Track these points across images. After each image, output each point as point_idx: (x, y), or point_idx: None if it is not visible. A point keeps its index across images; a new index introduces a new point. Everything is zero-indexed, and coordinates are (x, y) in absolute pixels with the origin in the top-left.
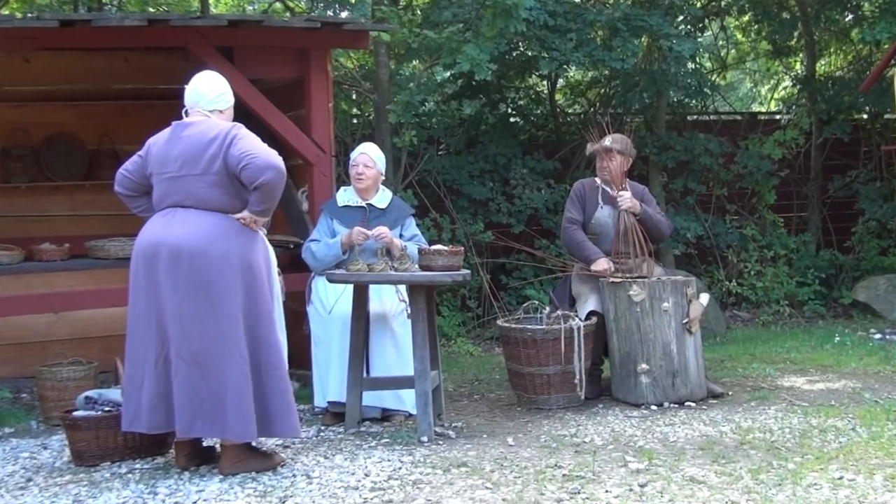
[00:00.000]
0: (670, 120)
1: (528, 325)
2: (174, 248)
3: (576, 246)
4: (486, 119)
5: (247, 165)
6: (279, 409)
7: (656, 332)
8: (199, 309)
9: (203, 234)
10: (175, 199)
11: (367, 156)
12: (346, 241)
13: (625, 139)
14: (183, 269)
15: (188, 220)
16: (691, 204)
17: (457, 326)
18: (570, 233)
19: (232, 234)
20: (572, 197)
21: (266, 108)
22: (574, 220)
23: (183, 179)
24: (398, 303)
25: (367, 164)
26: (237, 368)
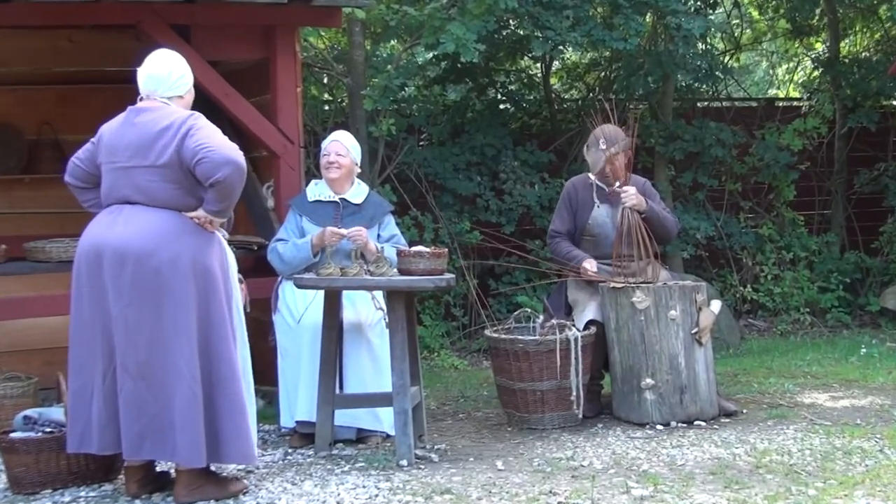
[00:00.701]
0: (678, 107)
1: (520, 335)
2: (118, 249)
3: (563, 257)
4: (473, 106)
5: (202, 160)
6: (230, 431)
7: (662, 344)
8: (145, 318)
9: (151, 234)
10: (123, 194)
11: (340, 143)
12: (318, 242)
13: (618, 131)
14: (128, 273)
15: (135, 219)
16: (701, 200)
17: (440, 337)
18: (554, 245)
19: (184, 235)
20: (560, 204)
21: (226, 94)
22: (558, 232)
23: (132, 171)
24: (375, 311)
25: (339, 152)
26: (185, 385)
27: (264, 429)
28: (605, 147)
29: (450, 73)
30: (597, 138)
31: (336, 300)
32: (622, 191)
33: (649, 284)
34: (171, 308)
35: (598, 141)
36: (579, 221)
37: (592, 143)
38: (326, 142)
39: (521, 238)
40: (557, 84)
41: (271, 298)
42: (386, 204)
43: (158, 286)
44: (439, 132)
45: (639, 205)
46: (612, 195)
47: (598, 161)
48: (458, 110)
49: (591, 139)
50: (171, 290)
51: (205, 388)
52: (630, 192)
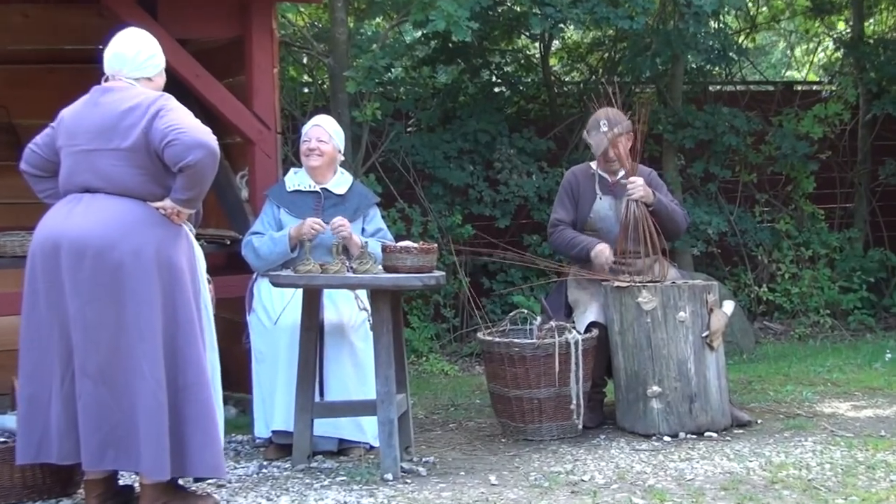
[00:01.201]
0: (688, 91)
1: (516, 338)
2: (76, 241)
3: (567, 245)
4: (466, 89)
5: (172, 142)
6: (198, 442)
7: (670, 348)
8: (106, 316)
9: (112, 224)
10: (82, 180)
11: (322, 128)
12: (296, 235)
13: (619, 114)
14: (87, 267)
15: (95, 208)
16: (713, 193)
17: (429, 340)
18: (557, 234)
19: (148, 227)
20: (561, 193)
21: (197, 75)
22: (560, 221)
23: (93, 155)
24: (358, 311)
25: (321, 138)
26: (148, 391)
27: (237, 439)
28: (606, 129)
29: (440, 53)
30: (597, 120)
31: (316, 300)
32: (629, 182)
33: (656, 284)
34: (133, 306)
35: (599, 123)
36: (580, 215)
37: (593, 125)
38: (307, 127)
39: (518, 232)
40: (557, 65)
41: (245, 297)
42: (371, 195)
43: (120, 282)
44: (429, 117)
45: (646, 197)
46: (616, 186)
47: (601, 144)
48: (450, 94)
49: (592, 122)
50: (133, 287)
51: (170, 395)
52: (638, 184)
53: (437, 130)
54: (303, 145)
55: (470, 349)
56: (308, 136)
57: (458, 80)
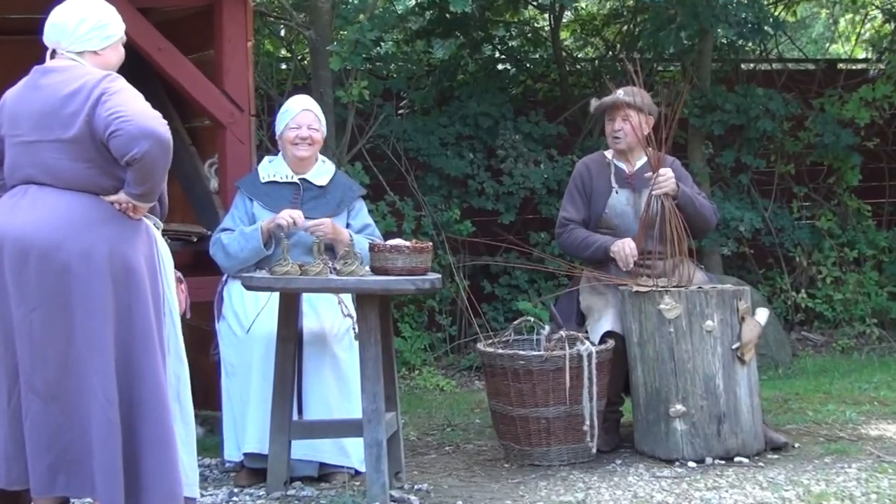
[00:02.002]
0: (718, 69)
1: (521, 350)
2: (20, 241)
3: (580, 245)
4: (465, 66)
5: (115, 132)
6: (154, 467)
7: (696, 362)
8: (54, 325)
9: (59, 222)
10: (27, 174)
11: (313, 114)
12: (269, 228)
13: (643, 93)
14: (31, 270)
15: (40, 204)
16: (745, 185)
17: (422, 352)
18: (566, 235)
19: (99, 224)
20: (571, 188)
21: (160, 48)
22: (570, 220)
23: (36, 146)
24: (342, 318)
25: (312, 125)
26: (100, 410)
27: (205, 463)
28: (619, 95)
29: (436, 25)
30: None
31: (294, 305)
32: (658, 174)
33: (680, 288)
34: (82, 314)
35: (616, 92)
36: (594, 211)
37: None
38: (294, 109)
39: (524, 229)
40: (569, 40)
41: (214, 302)
42: (356, 187)
43: (67, 287)
44: (423, 98)
45: (672, 190)
46: (635, 177)
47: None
48: (447, 71)
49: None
50: (82, 292)
51: (123, 413)
52: (668, 175)
53: (432, 113)
54: (290, 132)
55: (469, 362)
56: (298, 122)
57: (456, 56)
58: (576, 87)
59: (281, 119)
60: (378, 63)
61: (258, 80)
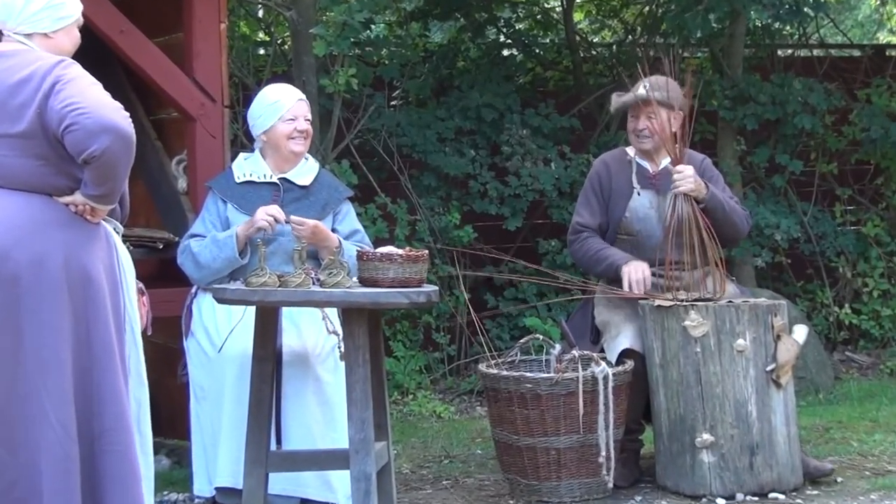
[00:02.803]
0: (751, 56)
1: (528, 371)
2: None
3: (590, 259)
4: (466, 51)
5: (71, 126)
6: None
7: (725, 385)
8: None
9: (7, 227)
10: None
11: (306, 104)
12: (246, 233)
13: (672, 85)
14: None
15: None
16: (782, 187)
17: (417, 374)
18: (579, 244)
19: (54, 229)
20: (587, 189)
21: (122, 31)
22: (584, 227)
23: None
24: (326, 336)
25: (307, 115)
26: (53, 440)
27: (171, 499)
28: (646, 90)
29: (434, 5)
30: (637, 82)
31: (272, 321)
32: (675, 171)
33: (708, 303)
34: (34, 330)
35: (641, 85)
36: (613, 214)
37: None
38: (288, 100)
39: (532, 236)
40: (584, 22)
41: (182, 317)
42: (343, 187)
43: (16, 300)
44: (418, 88)
45: (697, 191)
46: (659, 177)
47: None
48: (445, 57)
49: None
50: (34, 306)
51: (82, 445)
52: (686, 173)
53: (429, 105)
54: (284, 126)
55: (469, 385)
56: (294, 114)
57: (456, 41)
58: (591, 75)
59: (270, 111)
60: (368, 48)
61: (232, 68)
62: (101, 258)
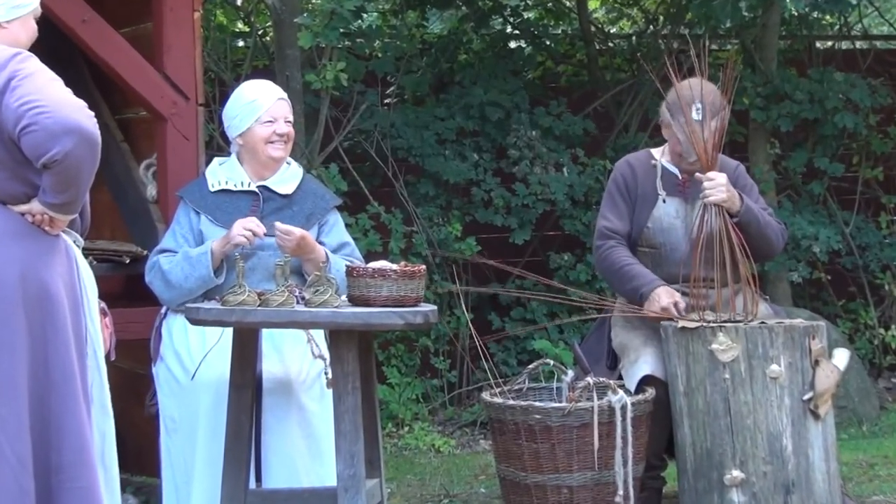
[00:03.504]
0: (786, 48)
1: (537, 400)
2: None
3: (616, 273)
4: (469, 43)
5: (29, 127)
6: None
7: (757, 416)
8: None
9: None
10: None
11: (287, 104)
12: (222, 249)
13: (714, 93)
14: None
15: None
16: (821, 195)
17: (413, 403)
18: (606, 253)
19: (8, 241)
20: (612, 191)
21: (85, 20)
22: (614, 232)
23: None
24: (312, 361)
25: (288, 117)
26: (8, 473)
27: None
28: (699, 116)
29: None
30: (687, 101)
31: (251, 344)
32: (706, 178)
33: (738, 324)
34: None
35: (692, 106)
36: (635, 223)
37: (677, 106)
38: (266, 99)
39: (542, 250)
40: (600, 11)
41: (151, 340)
42: (330, 196)
43: None
44: (416, 84)
45: (729, 201)
46: (688, 185)
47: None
48: (446, 50)
49: (676, 100)
50: None
51: (39, 480)
52: (718, 181)
53: (427, 102)
54: (262, 128)
55: (472, 416)
56: (273, 115)
57: (457, 32)
58: (608, 70)
59: (247, 112)
60: (359, 39)
61: (208, 62)
62: (60, 274)
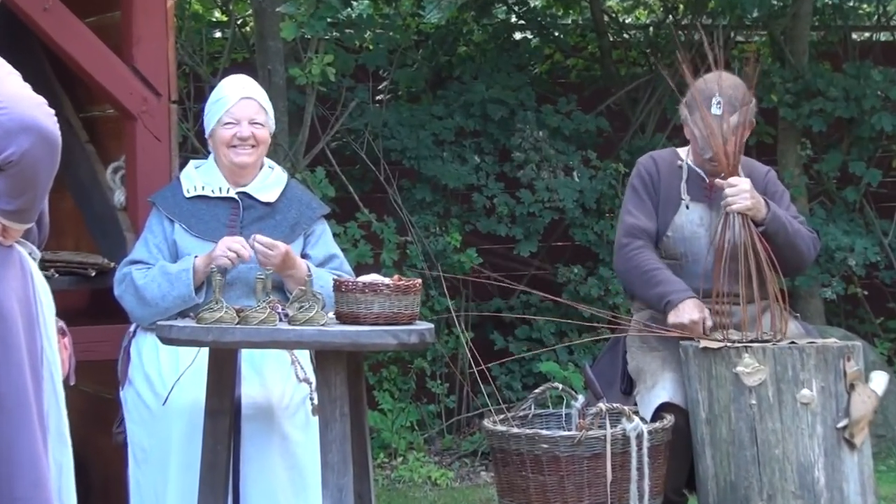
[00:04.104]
0: (819, 41)
1: (545, 428)
2: None
3: (641, 276)
4: (469, 34)
5: None
6: None
7: (787, 446)
8: None
9: None
10: None
11: (255, 102)
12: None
13: (738, 86)
14: None
15: None
16: (856, 202)
17: (407, 431)
18: (630, 253)
19: None
20: (636, 186)
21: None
22: (640, 231)
23: None
24: (296, 385)
25: (255, 118)
26: None
27: None
28: (719, 111)
29: None
30: (705, 94)
31: (230, 367)
32: (728, 184)
33: (766, 344)
34: None
35: (711, 99)
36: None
37: (696, 101)
38: (229, 98)
39: (550, 262)
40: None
41: (118, 361)
42: (317, 204)
43: None
44: (410, 79)
45: (754, 210)
46: (716, 189)
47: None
48: (444, 42)
49: (695, 94)
50: None
51: None
52: (741, 188)
53: (423, 100)
54: (223, 130)
55: (472, 445)
56: (235, 116)
57: (456, 21)
58: (623, 64)
59: (212, 111)
60: (348, 30)
61: (182, 54)
62: (14, 289)
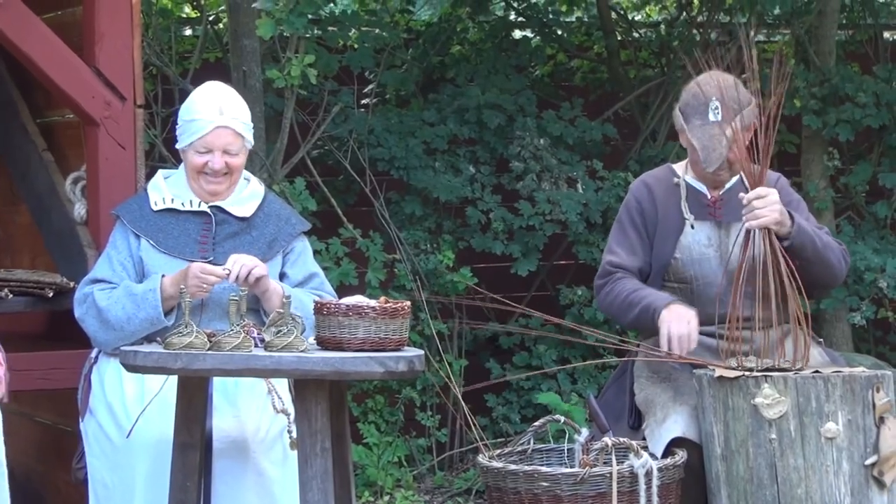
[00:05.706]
0: (847, 40)
1: (545, 464)
2: None
3: (621, 305)
4: (464, 32)
5: None
6: None
7: (810, 484)
8: None
9: None
10: None
11: (230, 131)
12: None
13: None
14: None
15: None
16: (887, 218)
17: (395, 467)
18: (609, 288)
19: None
20: (622, 219)
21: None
22: (618, 266)
23: None
24: (272, 416)
25: (231, 148)
26: None
27: None
28: (718, 117)
29: None
30: (700, 100)
31: (201, 396)
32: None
33: (787, 373)
34: None
35: (708, 105)
36: (659, 256)
37: (691, 108)
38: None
39: (551, 282)
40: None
41: (79, 390)
42: (297, 219)
43: None
44: (399, 81)
45: (781, 223)
46: (720, 204)
47: (711, 148)
48: (436, 41)
49: (689, 100)
50: None
51: None
52: (771, 199)
53: (413, 104)
54: (195, 157)
55: (465, 483)
56: (208, 144)
57: (450, 18)
58: (632, 66)
59: (185, 130)
60: (331, 28)
61: (149, 54)
62: None
